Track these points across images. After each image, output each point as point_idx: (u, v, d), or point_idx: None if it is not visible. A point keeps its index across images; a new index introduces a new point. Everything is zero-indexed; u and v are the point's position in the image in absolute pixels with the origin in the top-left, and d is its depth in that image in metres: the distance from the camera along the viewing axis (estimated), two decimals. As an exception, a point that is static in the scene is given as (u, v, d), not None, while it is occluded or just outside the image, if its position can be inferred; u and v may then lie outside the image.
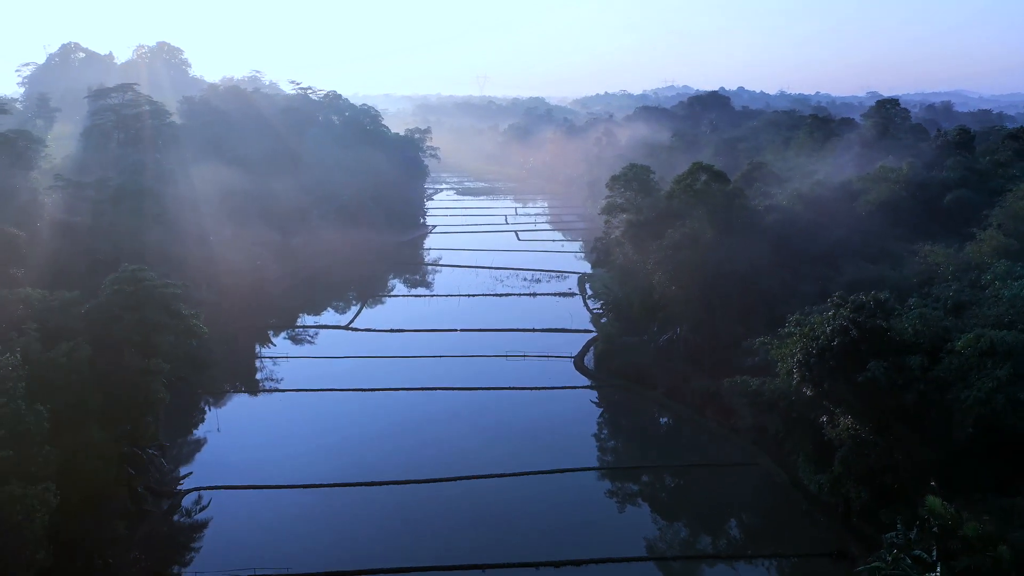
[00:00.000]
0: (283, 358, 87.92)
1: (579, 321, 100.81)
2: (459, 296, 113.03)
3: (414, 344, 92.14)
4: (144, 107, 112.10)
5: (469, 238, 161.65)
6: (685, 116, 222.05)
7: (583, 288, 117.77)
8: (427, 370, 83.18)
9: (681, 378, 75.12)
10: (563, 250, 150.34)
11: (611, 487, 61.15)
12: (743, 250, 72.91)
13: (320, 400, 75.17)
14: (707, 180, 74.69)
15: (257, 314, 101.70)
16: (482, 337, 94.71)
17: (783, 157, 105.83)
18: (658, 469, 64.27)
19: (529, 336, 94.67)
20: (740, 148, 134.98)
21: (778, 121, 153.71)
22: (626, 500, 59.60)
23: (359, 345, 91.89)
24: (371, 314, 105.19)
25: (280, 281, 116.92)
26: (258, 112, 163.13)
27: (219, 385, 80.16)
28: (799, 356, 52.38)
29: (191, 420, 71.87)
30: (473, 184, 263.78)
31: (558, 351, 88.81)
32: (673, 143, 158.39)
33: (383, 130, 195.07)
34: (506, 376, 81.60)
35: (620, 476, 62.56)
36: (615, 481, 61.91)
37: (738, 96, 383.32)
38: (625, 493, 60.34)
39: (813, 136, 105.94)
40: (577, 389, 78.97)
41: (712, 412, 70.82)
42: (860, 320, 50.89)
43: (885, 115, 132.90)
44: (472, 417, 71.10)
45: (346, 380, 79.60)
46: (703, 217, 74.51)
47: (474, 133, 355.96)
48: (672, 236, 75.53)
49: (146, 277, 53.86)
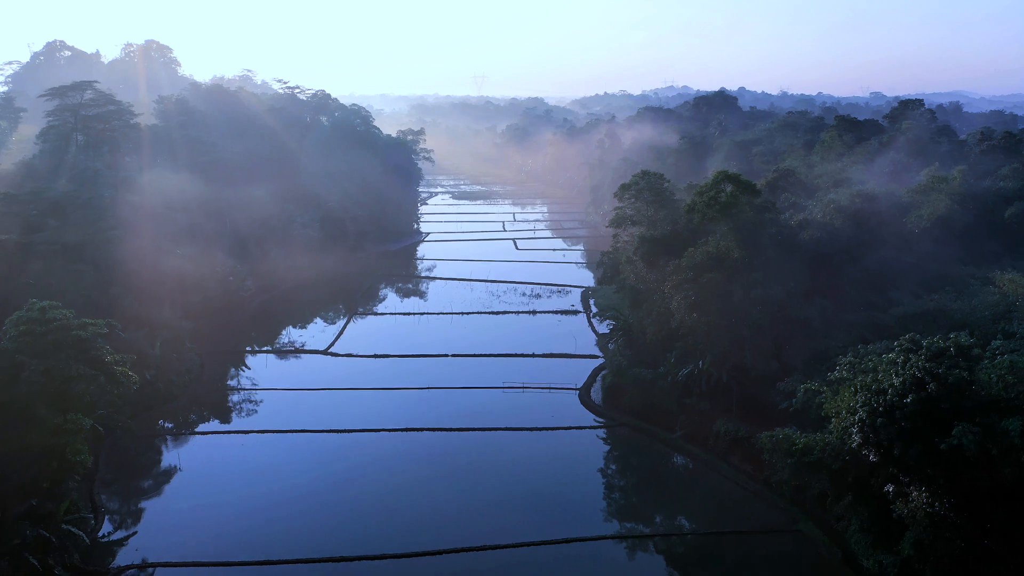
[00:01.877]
0: (252, 390, 77.99)
1: (584, 344, 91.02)
2: (452, 315, 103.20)
3: (400, 372, 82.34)
4: (107, 107, 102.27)
5: (464, 247, 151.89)
6: (691, 117, 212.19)
7: (587, 304, 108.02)
8: (413, 405, 73.38)
9: (703, 419, 65.40)
10: (564, 260, 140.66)
11: (625, 558, 51.42)
12: (776, 272, 63.24)
13: (290, 445, 65.27)
14: (733, 192, 64.97)
15: (228, 336, 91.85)
16: (476, 364, 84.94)
17: (807, 162, 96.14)
18: (680, 537, 54.49)
19: (528, 363, 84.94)
20: (755, 152, 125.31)
21: (794, 123, 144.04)
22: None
23: (338, 373, 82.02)
24: (354, 335, 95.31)
25: (256, 297, 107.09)
26: (241, 113, 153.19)
27: (181, 421, 70.57)
28: (862, 415, 42.64)
29: (142, 470, 61.91)
30: (469, 188, 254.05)
31: (561, 380, 79.06)
32: (681, 146, 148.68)
33: (375, 132, 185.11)
34: (503, 413, 71.80)
35: (635, 545, 52.72)
36: (629, 551, 52.14)
37: (741, 97, 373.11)
38: (641, 570, 50.58)
39: (843, 140, 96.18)
40: (583, 430, 69.20)
41: (739, 460, 61.17)
42: (939, 372, 41.16)
43: (911, 117, 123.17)
44: (462, 469, 61.22)
45: (321, 418, 69.79)
46: (729, 234, 64.78)
47: (471, 134, 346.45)
48: (693, 256, 65.81)
49: (57, 316, 44.23)
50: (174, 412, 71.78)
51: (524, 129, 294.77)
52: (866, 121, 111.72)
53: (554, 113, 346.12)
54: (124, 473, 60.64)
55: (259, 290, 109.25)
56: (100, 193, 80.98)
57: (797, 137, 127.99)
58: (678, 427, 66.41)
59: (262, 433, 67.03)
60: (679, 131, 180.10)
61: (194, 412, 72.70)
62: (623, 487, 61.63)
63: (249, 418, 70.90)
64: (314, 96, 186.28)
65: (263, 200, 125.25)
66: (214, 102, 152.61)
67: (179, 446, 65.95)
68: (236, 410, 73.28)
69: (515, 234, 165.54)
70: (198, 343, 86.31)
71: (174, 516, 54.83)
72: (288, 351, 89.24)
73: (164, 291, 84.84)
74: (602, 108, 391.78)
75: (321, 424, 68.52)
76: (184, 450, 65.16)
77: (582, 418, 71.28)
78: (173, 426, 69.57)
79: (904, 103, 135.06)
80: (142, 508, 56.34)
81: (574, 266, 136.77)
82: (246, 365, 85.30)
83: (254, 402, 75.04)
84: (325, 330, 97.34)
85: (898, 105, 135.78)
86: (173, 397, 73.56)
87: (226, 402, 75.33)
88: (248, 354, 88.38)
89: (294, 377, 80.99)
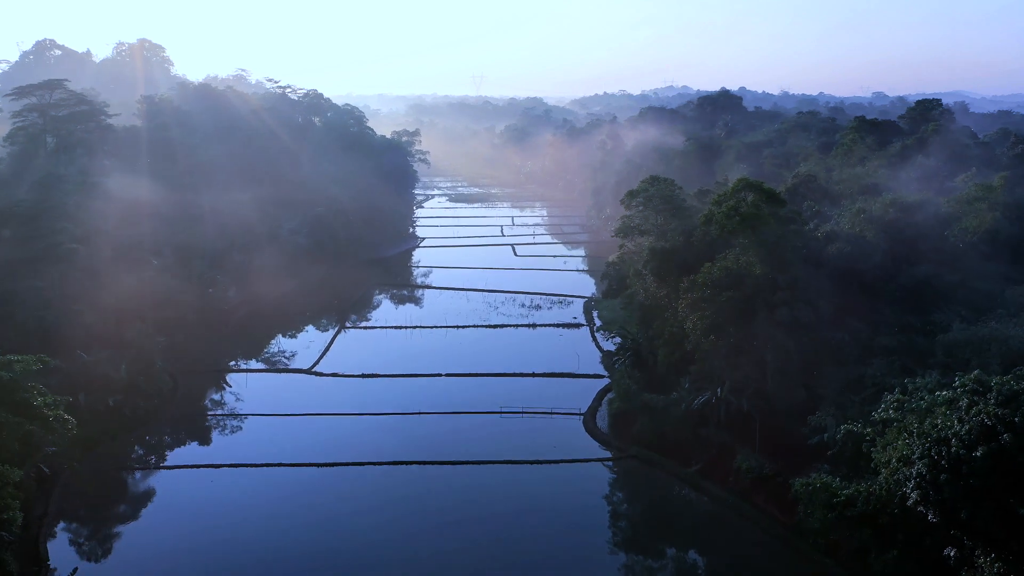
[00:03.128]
0: (227, 415, 71.68)
1: (587, 361, 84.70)
2: (446, 328, 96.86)
3: (389, 394, 76.03)
4: (80, 107, 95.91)
5: (461, 253, 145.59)
6: (695, 118, 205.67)
7: (590, 316, 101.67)
8: (402, 434, 67.12)
9: (722, 453, 59.15)
10: (565, 268, 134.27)
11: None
12: (803, 291, 57.02)
13: (265, 481, 58.86)
14: (755, 201, 58.71)
15: (206, 353, 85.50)
16: (472, 385, 78.66)
17: (826, 167, 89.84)
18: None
19: (528, 383, 78.65)
20: (766, 155, 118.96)
21: (806, 124, 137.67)
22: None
23: (323, 396, 75.70)
24: (342, 351, 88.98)
25: (239, 308, 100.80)
26: (228, 114, 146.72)
27: (147, 452, 64.46)
28: (921, 468, 36.36)
29: (96, 514, 55.44)
30: (467, 190, 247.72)
31: (564, 403, 72.73)
32: (687, 148, 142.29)
33: (368, 133, 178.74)
34: (500, 442, 65.51)
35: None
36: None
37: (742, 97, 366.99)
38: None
39: (865, 142, 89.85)
40: (589, 463, 62.85)
41: (764, 501, 54.85)
42: (1015, 420, 34.90)
43: (931, 119, 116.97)
44: (453, 510, 54.75)
45: (300, 448, 63.53)
46: (750, 248, 58.56)
47: (469, 135, 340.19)
48: (710, 272, 59.56)
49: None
50: (140, 441, 65.45)
51: (523, 130, 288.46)
52: (885, 122, 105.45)
53: (553, 113, 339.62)
54: (78, 518, 54.33)
55: (242, 301, 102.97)
56: (64, 200, 74.60)
57: (810, 139, 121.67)
58: (694, 461, 60.14)
59: (234, 467, 60.61)
60: (683, 132, 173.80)
61: (162, 442, 66.38)
62: (634, 534, 55.10)
63: (221, 449, 64.53)
64: (306, 96, 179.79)
65: (249, 205, 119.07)
66: (201, 102, 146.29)
67: (142, 481, 59.61)
68: (208, 439, 66.97)
69: (514, 239, 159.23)
70: (172, 362, 79.97)
71: (130, 568, 48.55)
72: (269, 370, 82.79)
73: (134, 306, 78.50)
74: (602, 108, 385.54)
75: (300, 456, 62.21)
76: (147, 487, 58.82)
77: (587, 448, 64.95)
78: (136, 459, 63.10)
79: (921, 103, 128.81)
80: (94, 558, 50.04)
81: (575, 274, 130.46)
82: (225, 385, 78.94)
83: (228, 429, 68.82)
84: (311, 345, 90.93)
85: (914, 105, 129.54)
86: (140, 424, 67.25)
87: (198, 430, 68.95)
88: (226, 372, 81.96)
89: (274, 400, 74.57)
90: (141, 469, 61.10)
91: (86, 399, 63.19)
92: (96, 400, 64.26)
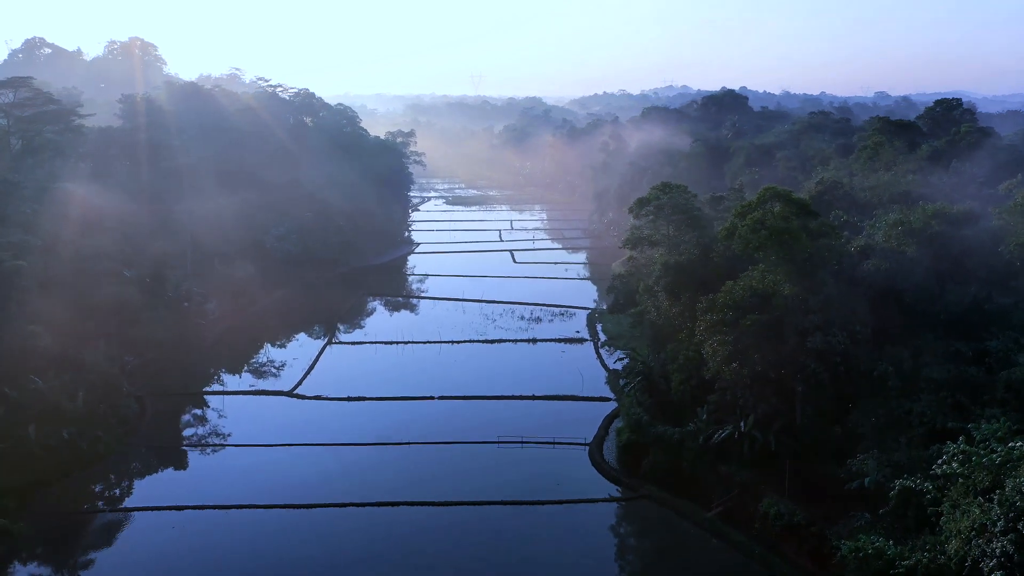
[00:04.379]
0: (196, 446, 65.29)
1: (592, 381, 78.49)
2: (441, 343, 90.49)
3: (377, 420, 69.77)
4: (47, 107, 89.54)
5: (457, 260, 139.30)
6: (699, 118, 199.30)
7: (594, 330, 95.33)
8: (390, 468, 60.98)
9: (746, 495, 52.82)
10: (566, 276, 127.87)
11: None
12: (838, 314, 50.71)
13: (232, 526, 52.49)
14: (783, 212, 52.38)
15: (180, 374, 79.31)
16: (467, 409, 72.44)
17: (849, 171, 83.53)
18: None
19: (528, 407, 72.49)
20: (779, 157, 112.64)
21: (820, 125, 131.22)
22: None
23: (304, 422, 69.39)
24: (327, 369, 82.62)
25: (219, 323, 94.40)
26: (216, 114, 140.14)
27: (104, 490, 58.22)
28: (1006, 546, 30.07)
29: (38, 569, 49.18)
30: (464, 192, 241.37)
31: (567, 430, 66.38)
32: (694, 149, 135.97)
33: (362, 133, 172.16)
34: (497, 478, 59.21)
35: None
36: None
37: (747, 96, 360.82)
38: None
39: (894, 145, 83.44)
40: (596, 503, 56.46)
41: (795, 553, 48.61)
42: None
43: (954, 119, 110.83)
44: (447, 570, 48.42)
45: (275, 485, 57.16)
46: (778, 265, 52.23)
47: (467, 135, 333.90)
48: (732, 291, 53.22)
49: None
50: (97, 478, 59.05)
51: (522, 130, 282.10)
52: (909, 123, 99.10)
53: (553, 113, 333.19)
54: (23, 572, 47.96)
55: (223, 314, 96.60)
56: (20, 209, 68.27)
57: (825, 141, 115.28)
58: (714, 503, 53.81)
59: (200, 510, 54.24)
60: (689, 132, 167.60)
61: (122, 479, 59.94)
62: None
63: (188, 487, 57.95)
64: (297, 95, 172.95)
65: (233, 210, 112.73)
66: (185, 102, 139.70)
67: (96, 528, 53.17)
68: (172, 476, 60.58)
69: (513, 244, 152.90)
70: (141, 384, 74.10)
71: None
72: (247, 392, 76.29)
73: (99, 324, 72.37)
74: (602, 108, 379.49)
75: (276, 495, 55.78)
76: (102, 533, 52.39)
77: (594, 485, 58.55)
78: (92, 500, 56.67)
79: (940, 102, 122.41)
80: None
81: (577, 282, 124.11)
82: (197, 410, 72.57)
83: (197, 463, 62.47)
84: (294, 362, 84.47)
85: (933, 105, 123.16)
86: (100, 458, 60.82)
87: (163, 464, 62.54)
88: (201, 395, 75.57)
89: (250, 427, 68.21)
90: (95, 512, 54.66)
91: (36, 432, 56.96)
92: (49, 433, 57.94)
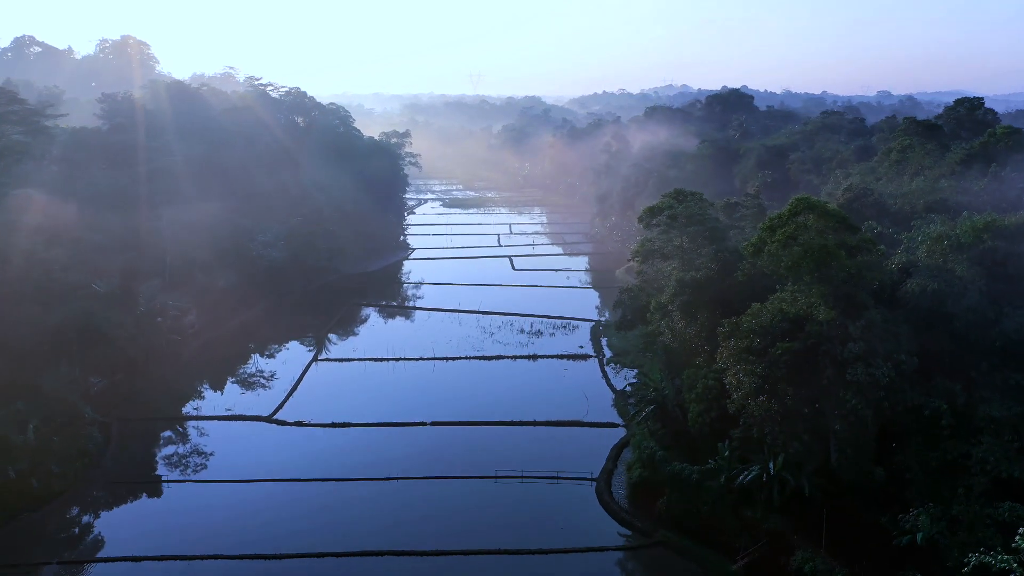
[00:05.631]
0: (162, 482, 59.09)
1: (598, 403, 72.47)
2: (434, 360, 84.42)
3: (364, 449, 63.79)
4: (11, 107, 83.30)
5: (454, 266, 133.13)
6: (704, 117, 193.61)
7: (598, 345, 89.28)
8: (378, 506, 55.20)
9: (776, 544, 46.79)
10: (568, 284, 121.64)
11: None
12: (880, 341, 44.68)
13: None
14: (817, 227, 46.33)
15: (151, 395, 73.30)
16: (462, 437, 66.38)
17: (875, 175, 77.43)
18: None
19: (528, 434, 66.46)
20: (793, 159, 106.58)
21: (835, 125, 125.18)
22: None
23: (282, 452, 63.26)
24: (311, 389, 76.50)
25: (198, 337, 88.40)
26: (202, 114, 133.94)
27: (54, 533, 52.01)
28: None
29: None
30: (462, 194, 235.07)
31: (572, 462, 60.40)
32: (701, 151, 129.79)
33: (355, 134, 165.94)
34: (496, 518, 53.51)
35: None
36: None
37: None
38: None
39: (926, 148, 77.16)
40: (605, 552, 50.40)
41: (834, 613, 42.59)
42: None
43: (976, 120, 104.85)
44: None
45: (246, 530, 51.30)
46: (812, 286, 46.18)
47: (465, 135, 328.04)
48: (759, 315, 47.22)
49: None
50: (47, 522, 52.90)
51: (521, 130, 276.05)
52: (937, 125, 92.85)
53: (552, 113, 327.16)
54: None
55: (203, 327, 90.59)
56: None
57: (842, 142, 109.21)
58: (739, 553, 47.75)
59: (159, 560, 48.17)
60: (694, 133, 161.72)
61: (75, 523, 53.77)
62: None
63: (148, 531, 51.84)
64: (288, 94, 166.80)
65: (216, 215, 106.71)
66: (169, 102, 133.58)
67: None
68: (133, 517, 54.39)
69: (511, 250, 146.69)
70: (107, 409, 68.10)
71: None
72: (223, 417, 70.05)
73: (59, 344, 66.26)
74: (602, 107, 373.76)
75: (248, 542, 49.93)
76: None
77: (602, 530, 52.52)
78: (41, 548, 50.45)
79: (961, 102, 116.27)
80: None
81: (579, 291, 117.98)
82: (168, 435, 66.48)
83: (159, 503, 56.27)
84: (276, 382, 78.38)
85: (954, 105, 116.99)
86: (53, 496, 54.83)
87: (124, 501, 56.35)
88: (171, 421, 69.34)
89: (224, 458, 62.10)
90: (39, 565, 48.44)
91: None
92: None
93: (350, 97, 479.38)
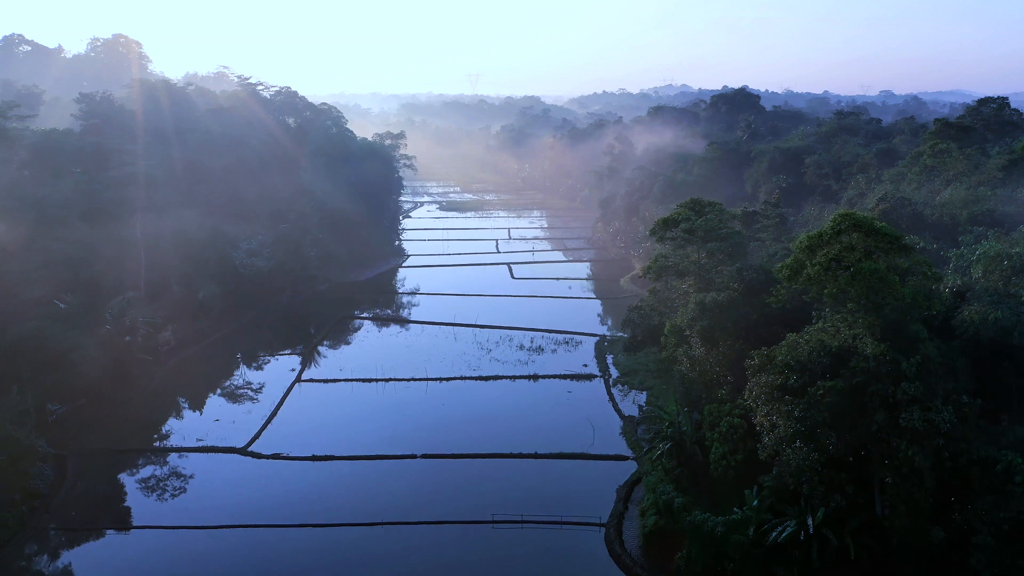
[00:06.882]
0: (117, 532, 52.79)
1: (605, 431, 66.28)
2: (427, 380, 78.19)
3: (347, 487, 57.69)
4: (-30, 107, 77.15)
5: (450, 274, 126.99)
6: (709, 118, 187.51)
7: (603, 363, 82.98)
8: (359, 557, 48.88)
9: (816, 614, 40.60)
10: (570, 294, 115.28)
11: None
12: (938, 380, 38.50)
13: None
14: (863, 245, 40.12)
15: (115, 423, 66.98)
16: (455, 472, 60.13)
17: (905, 180, 71.26)
18: None
19: (529, 469, 60.21)
20: (809, 163, 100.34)
21: (852, 127, 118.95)
22: None
23: (258, 490, 57.06)
24: (292, 415, 70.29)
25: (173, 354, 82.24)
26: (186, 115, 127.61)
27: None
28: None
29: None
30: (459, 197, 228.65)
31: (577, 503, 54.31)
32: (709, 153, 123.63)
33: (348, 135, 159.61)
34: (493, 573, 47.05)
35: None
36: None
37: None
38: None
39: (964, 152, 70.90)
40: (619, 617, 44.26)
41: None
42: None
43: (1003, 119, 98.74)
44: None
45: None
46: (857, 314, 39.95)
47: (463, 136, 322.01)
48: (798, 348, 40.99)
49: None
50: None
51: (520, 130, 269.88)
52: (971, 127, 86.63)
53: (552, 112, 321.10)
54: None
55: (180, 344, 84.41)
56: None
57: (861, 145, 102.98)
58: (772, 622, 41.57)
59: (107, 630, 41.98)
60: (700, 134, 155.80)
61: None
62: None
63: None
64: (278, 94, 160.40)
65: (197, 222, 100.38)
66: (154, 102, 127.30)
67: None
68: (82, 572, 48.05)
69: (511, 256, 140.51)
70: (65, 440, 61.98)
71: None
72: (193, 449, 63.68)
73: (10, 368, 60.01)
74: (602, 107, 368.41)
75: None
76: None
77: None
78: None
79: (983, 101, 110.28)
80: None
81: (582, 302, 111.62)
82: (130, 471, 60.19)
83: (114, 551, 49.99)
84: (254, 407, 72.13)
85: (977, 104, 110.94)
86: (5, 542, 48.52)
87: (73, 548, 50.09)
88: (134, 454, 62.98)
89: (191, 498, 55.96)
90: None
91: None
92: None
93: (348, 97, 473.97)
